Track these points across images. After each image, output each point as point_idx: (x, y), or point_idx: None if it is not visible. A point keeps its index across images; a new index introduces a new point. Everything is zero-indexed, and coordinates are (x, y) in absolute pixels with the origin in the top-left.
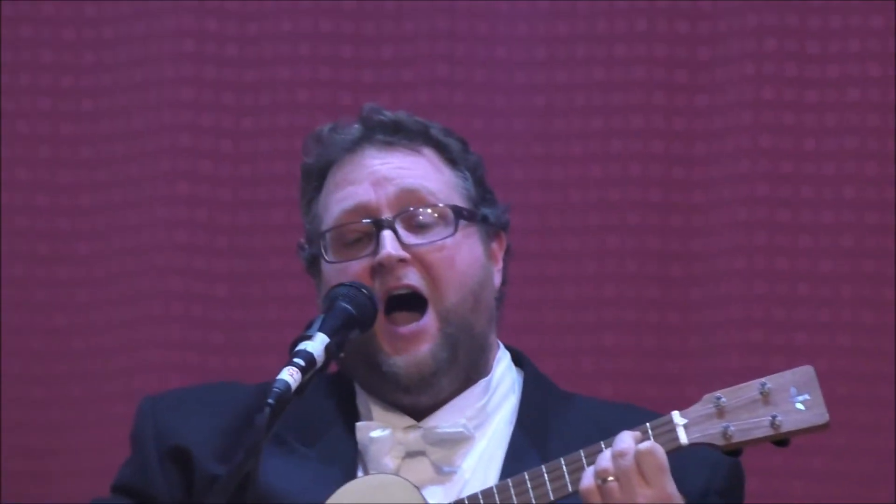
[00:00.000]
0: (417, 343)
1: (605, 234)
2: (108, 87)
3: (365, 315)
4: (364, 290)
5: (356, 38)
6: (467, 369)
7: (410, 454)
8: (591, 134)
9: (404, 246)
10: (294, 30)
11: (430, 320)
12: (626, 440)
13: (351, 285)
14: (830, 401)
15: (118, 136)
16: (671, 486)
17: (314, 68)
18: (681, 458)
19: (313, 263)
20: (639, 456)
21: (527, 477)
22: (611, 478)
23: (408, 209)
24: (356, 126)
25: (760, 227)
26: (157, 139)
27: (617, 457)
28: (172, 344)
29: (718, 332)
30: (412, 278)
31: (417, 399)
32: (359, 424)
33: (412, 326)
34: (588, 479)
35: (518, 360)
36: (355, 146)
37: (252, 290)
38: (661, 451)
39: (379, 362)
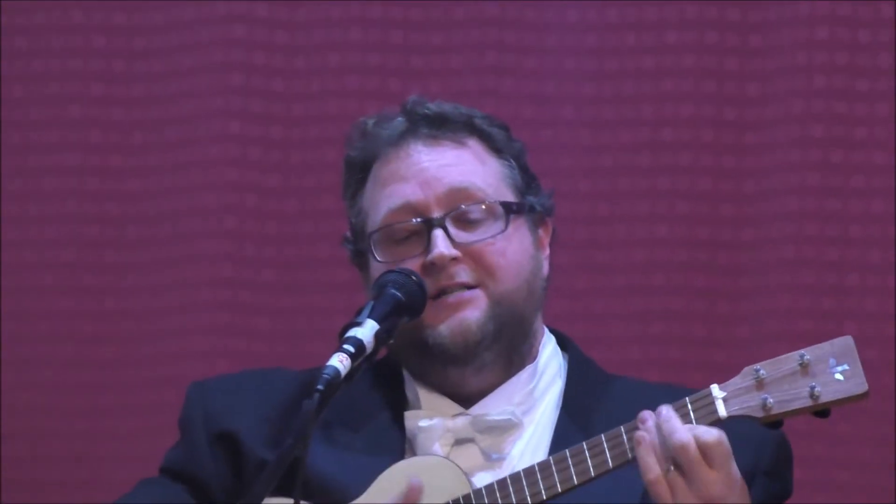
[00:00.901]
0: (463, 309)
1: (653, 223)
2: (159, 73)
3: (414, 301)
4: (414, 277)
5: (405, 23)
6: (510, 351)
7: (459, 441)
8: (640, 122)
9: (455, 244)
10: (343, 16)
11: (479, 294)
12: (678, 430)
13: (400, 272)
14: (878, 390)
15: (169, 121)
16: (735, 470)
17: (363, 55)
18: (728, 438)
19: (359, 256)
20: (702, 448)
21: (568, 454)
22: (672, 466)
23: (458, 207)
24: (400, 119)
25: (810, 217)
26: (207, 125)
27: (678, 451)
28: (220, 330)
29: (767, 321)
30: (464, 276)
31: (463, 373)
32: (408, 413)
33: (458, 294)
34: (653, 464)
35: (562, 343)
36: (400, 140)
37: (300, 276)
38: (725, 441)
39: (425, 337)
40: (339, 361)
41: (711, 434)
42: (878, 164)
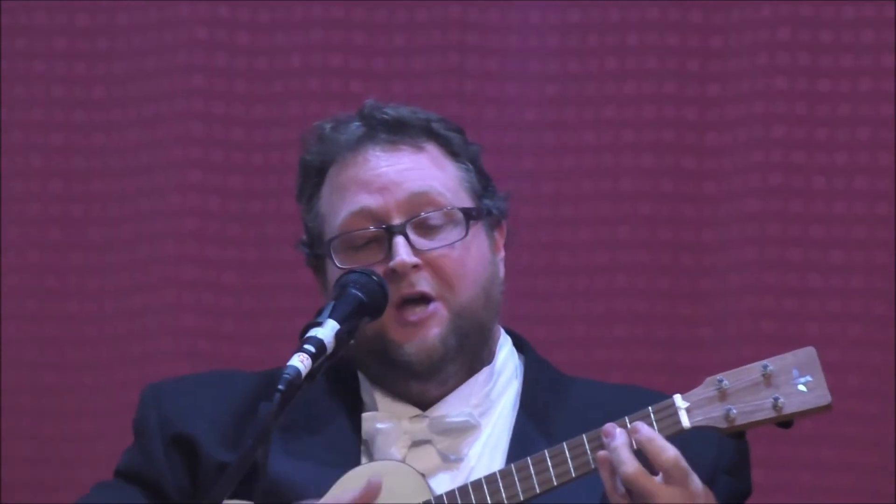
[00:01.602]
0: (427, 327)
1: (616, 225)
2: (121, 75)
3: (376, 302)
4: (374, 277)
5: (368, 25)
6: (472, 360)
7: (416, 443)
8: (602, 123)
9: (416, 251)
10: (306, 17)
11: (439, 307)
12: (628, 461)
13: (362, 272)
14: (842, 392)
15: (130, 123)
16: (696, 482)
17: (325, 56)
18: (686, 440)
19: (316, 259)
20: (665, 475)
21: (530, 462)
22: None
23: (418, 214)
24: (357, 124)
25: (772, 218)
26: (168, 127)
27: (631, 482)
28: (184, 332)
29: (730, 322)
30: (424, 285)
31: (426, 386)
32: (365, 415)
33: (420, 311)
34: (618, 490)
35: (519, 344)
36: (358, 145)
37: (263, 278)
38: (682, 461)
39: (389, 352)
40: (300, 361)
41: (668, 455)
42: (839, 165)
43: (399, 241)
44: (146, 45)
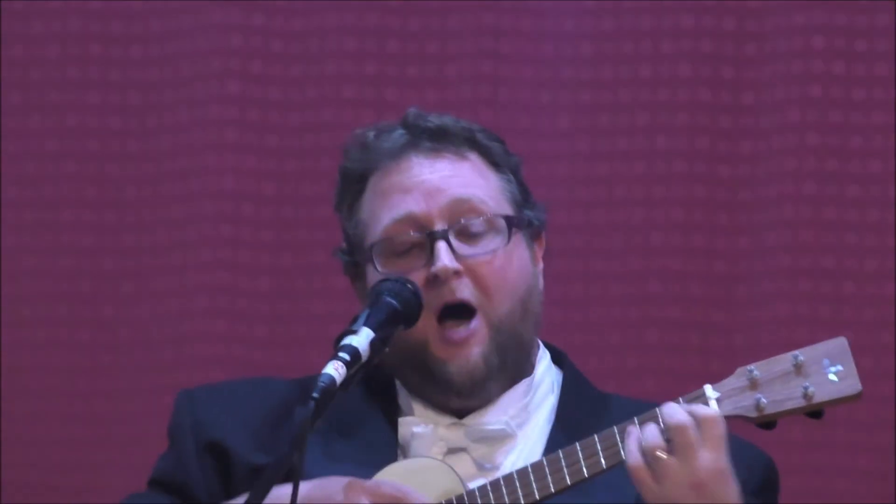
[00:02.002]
0: (469, 346)
1: (649, 232)
2: (156, 81)
3: (410, 310)
4: (409, 285)
5: (402, 33)
6: (513, 373)
7: (452, 450)
8: (636, 131)
9: (458, 257)
10: (340, 24)
11: (480, 324)
12: (679, 412)
13: (396, 280)
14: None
15: (165, 130)
16: (727, 461)
17: (359, 63)
18: None
19: (354, 267)
20: (702, 425)
21: (561, 455)
22: (662, 454)
23: (460, 220)
24: (401, 132)
25: (806, 225)
26: (203, 134)
27: (674, 431)
28: (218, 338)
29: (763, 330)
30: (465, 292)
31: (467, 402)
32: (402, 420)
33: (462, 331)
34: (636, 452)
35: (557, 358)
36: (401, 153)
37: (297, 284)
38: (722, 420)
39: (431, 369)
40: (335, 369)
41: (709, 411)
42: (873, 173)
43: (441, 246)
44: (180, 52)
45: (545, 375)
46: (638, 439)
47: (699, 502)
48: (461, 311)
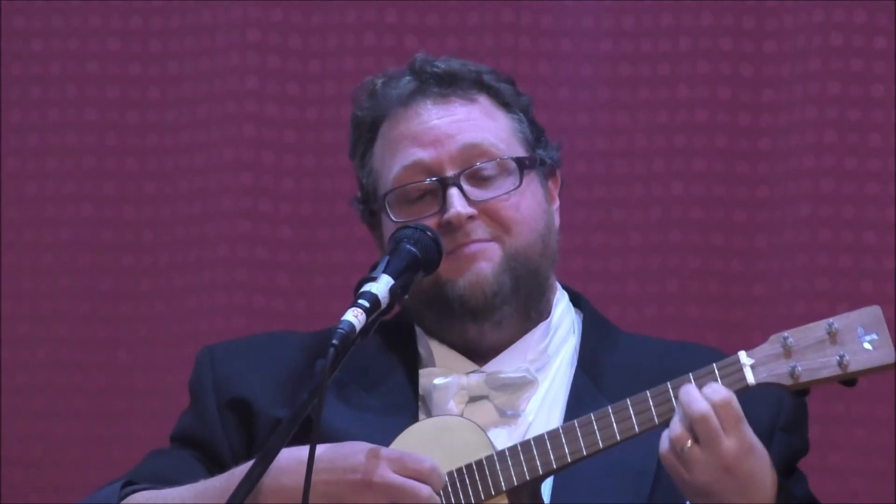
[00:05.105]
0: (479, 261)
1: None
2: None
3: (430, 257)
4: (429, 233)
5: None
6: (528, 307)
7: (474, 399)
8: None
9: (471, 202)
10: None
11: (495, 247)
12: (697, 400)
13: (416, 227)
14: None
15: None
16: (750, 433)
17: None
18: (746, 399)
19: (371, 215)
20: (717, 410)
21: (593, 418)
22: (689, 443)
23: (472, 165)
24: (409, 78)
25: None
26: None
27: (695, 420)
28: (239, 286)
29: (784, 279)
30: (481, 233)
31: (481, 328)
32: (422, 371)
33: (474, 246)
34: (666, 446)
35: (576, 300)
36: (410, 100)
37: (318, 233)
38: (735, 401)
39: (443, 292)
40: (354, 316)
41: (722, 393)
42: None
43: (453, 192)
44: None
45: (564, 317)
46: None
47: (731, 483)
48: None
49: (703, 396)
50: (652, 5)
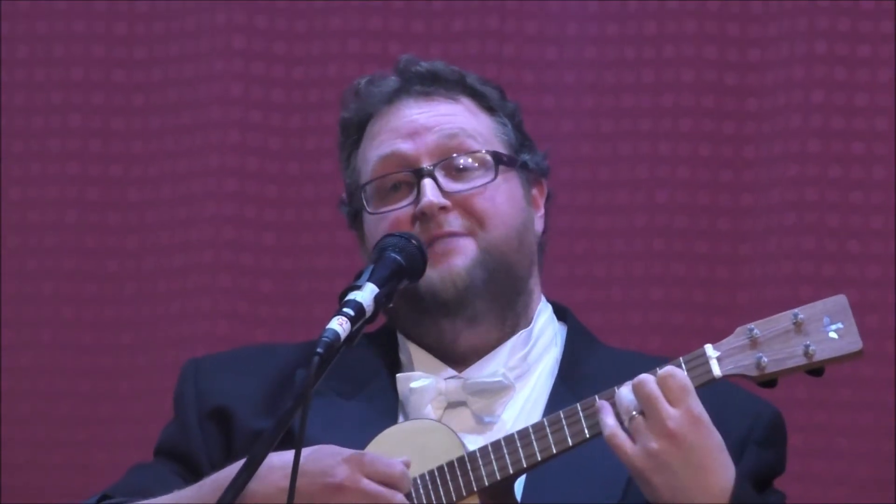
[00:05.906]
0: (452, 256)
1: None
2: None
3: (414, 265)
4: (414, 241)
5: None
6: (503, 307)
7: (452, 404)
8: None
9: (445, 193)
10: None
11: (469, 242)
12: (644, 376)
13: (401, 235)
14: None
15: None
16: (698, 406)
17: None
18: (723, 408)
19: (355, 218)
20: (660, 381)
21: (562, 416)
22: (634, 412)
23: (447, 157)
24: (393, 78)
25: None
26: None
27: (637, 388)
28: (223, 292)
29: (768, 287)
30: (455, 224)
31: (454, 324)
32: (399, 375)
33: (449, 241)
34: (610, 421)
35: (561, 313)
36: (393, 98)
37: (302, 239)
38: (681, 373)
39: (417, 287)
40: (339, 325)
41: (666, 369)
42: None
43: (427, 182)
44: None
45: (546, 327)
46: (611, 409)
47: (677, 453)
48: (450, 238)
49: (650, 373)
50: (636, 12)
